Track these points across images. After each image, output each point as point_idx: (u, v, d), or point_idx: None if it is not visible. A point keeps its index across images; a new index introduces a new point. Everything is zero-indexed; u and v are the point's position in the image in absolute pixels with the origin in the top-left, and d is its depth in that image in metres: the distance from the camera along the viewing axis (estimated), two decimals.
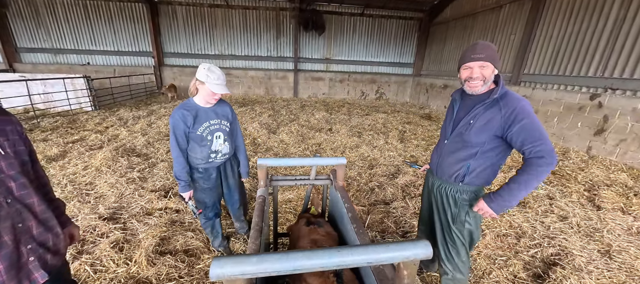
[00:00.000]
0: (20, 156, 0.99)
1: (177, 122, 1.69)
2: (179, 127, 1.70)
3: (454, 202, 1.54)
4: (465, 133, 1.44)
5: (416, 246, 0.59)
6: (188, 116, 1.70)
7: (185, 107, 1.72)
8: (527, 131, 1.27)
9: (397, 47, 11.29)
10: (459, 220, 1.54)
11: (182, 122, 1.69)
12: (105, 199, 2.92)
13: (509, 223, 2.72)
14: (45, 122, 5.78)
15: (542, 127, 1.28)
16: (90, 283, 1.91)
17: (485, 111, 1.37)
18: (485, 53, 1.32)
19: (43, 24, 10.02)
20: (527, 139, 1.27)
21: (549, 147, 1.25)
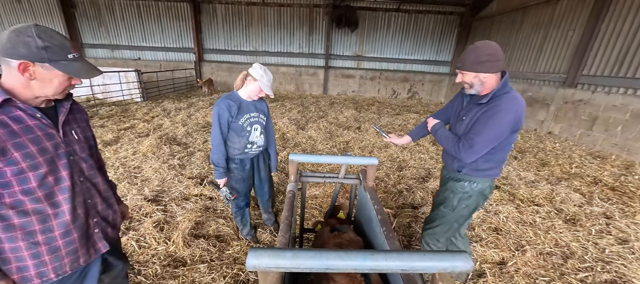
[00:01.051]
0: (89, 140, 1.14)
1: (223, 110, 1.80)
2: (223, 115, 1.81)
3: (451, 189, 1.66)
4: (457, 127, 1.59)
5: (456, 258, 0.56)
6: (233, 106, 1.82)
7: (231, 98, 1.85)
8: (482, 122, 1.41)
9: (433, 44, 10.72)
10: (451, 205, 1.66)
11: (227, 111, 1.81)
12: (149, 183, 3.21)
13: (555, 241, 2.46)
14: (103, 110, 6.51)
15: (493, 132, 1.38)
16: (135, 256, 2.13)
17: (476, 110, 1.47)
18: (466, 61, 1.40)
19: (103, 22, 11.24)
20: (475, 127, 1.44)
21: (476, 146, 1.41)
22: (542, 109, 6.27)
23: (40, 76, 0.89)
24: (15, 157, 0.86)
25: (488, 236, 2.51)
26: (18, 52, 0.83)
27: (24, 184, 0.89)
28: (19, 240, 0.92)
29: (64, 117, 1.02)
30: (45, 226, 0.95)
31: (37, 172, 0.91)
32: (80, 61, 0.94)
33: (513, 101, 1.37)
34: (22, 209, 0.91)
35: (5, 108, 0.87)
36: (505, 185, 3.50)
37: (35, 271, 0.96)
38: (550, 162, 4.25)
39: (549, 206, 3.00)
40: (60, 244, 0.99)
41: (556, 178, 3.70)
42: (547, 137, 5.76)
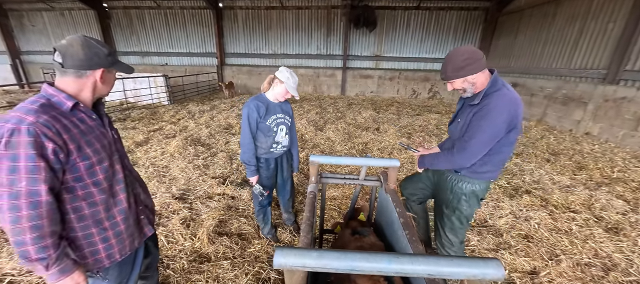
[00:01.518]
0: (121, 140, 1.29)
1: (252, 111, 1.89)
2: (252, 116, 1.89)
3: (450, 190, 1.66)
4: (454, 130, 1.61)
5: (487, 265, 0.54)
6: (261, 107, 1.91)
7: (259, 100, 1.94)
8: (474, 124, 1.40)
9: (456, 42, 10.31)
10: (451, 206, 1.67)
11: (256, 111, 1.89)
12: (176, 181, 3.39)
13: (594, 251, 2.27)
14: (134, 113, 6.95)
15: (487, 133, 1.37)
16: (164, 251, 2.25)
17: (469, 111, 1.47)
18: (447, 71, 1.43)
19: (135, 31, 12.04)
20: (468, 130, 1.44)
21: (468, 148, 1.41)
22: (578, 108, 5.81)
23: (107, 79, 1.06)
24: (87, 153, 0.99)
25: (518, 243, 2.37)
26: (95, 62, 0.99)
27: (93, 177, 1.03)
28: (91, 227, 1.05)
29: (106, 119, 1.17)
30: (110, 213, 1.09)
31: (102, 166, 1.05)
32: (120, 60, 1.10)
33: (504, 98, 1.35)
34: (92, 200, 1.04)
35: (73, 111, 1.00)
36: (537, 189, 3.28)
37: (105, 253, 1.09)
38: (588, 166, 3.92)
39: (587, 213, 2.78)
40: (123, 229, 1.14)
41: (595, 183, 3.41)
42: (584, 139, 5.33)
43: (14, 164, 0.84)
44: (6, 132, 0.84)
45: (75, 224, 1.02)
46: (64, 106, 0.97)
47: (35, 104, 0.92)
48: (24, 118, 0.86)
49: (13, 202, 0.85)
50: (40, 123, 0.87)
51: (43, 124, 0.88)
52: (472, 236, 2.46)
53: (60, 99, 0.96)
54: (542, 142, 5.14)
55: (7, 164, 0.84)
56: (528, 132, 5.88)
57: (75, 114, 1.00)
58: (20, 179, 0.85)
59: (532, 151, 4.65)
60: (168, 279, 2.00)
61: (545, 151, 4.66)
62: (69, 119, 0.97)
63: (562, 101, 6.25)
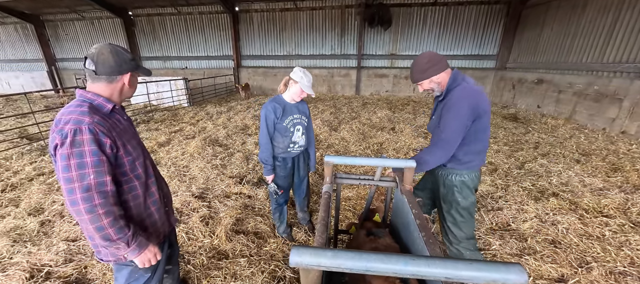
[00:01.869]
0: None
1: (269, 112, 1.95)
2: (270, 117, 1.95)
3: (443, 184, 1.74)
4: (432, 127, 1.74)
5: (509, 270, 0.52)
6: (278, 108, 1.96)
7: (276, 101, 2.00)
8: (443, 118, 1.55)
9: (476, 38, 9.92)
10: (447, 200, 1.74)
11: (273, 113, 1.95)
12: (196, 181, 3.52)
13: (630, 259, 2.11)
14: (157, 115, 7.29)
15: (452, 122, 1.50)
16: (185, 247, 2.35)
17: (440, 107, 1.63)
18: (414, 75, 1.61)
19: (157, 37, 12.63)
20: (440, 125, 1.58)
21: (444, 139, 1.54)
22: (612, 105, 5.40)
23: (132, 82, 1.14)
24: (129, 150, 1.11)
25: (544, 249, 2.25)
26: (124, 68, 1.07)
27: (135, 171, 1.14)
28: (134, 218, 1.16)
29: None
30: (146, 204, 1.22)
31: (140, 161, 1.16)
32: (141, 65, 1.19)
33: (464, 91, 1.51)
34: (135, 193, 1.15)
35: (112, 113, 1.11)
36: (565, 192, 3.09)
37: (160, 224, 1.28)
38: (624, 167, 3.64)
39: (622, 218, 2.58)
40: (157, 218, 1.27)
41: (632, 186, 3.16)
42: (619, 138, 4.95)
43: (81, 161, 0.95)
44: (70, 133, 0.94)
45: (131, 202, 1.15)
46: (105, 109, 1.07)
47: (83, 107, 1.01)
48: (82, 119, 0.96)
49: (86, 194, 0.94)
50: (96, 122, 0.98)
51: (98, 123, 0.99)
52: (494, 240, 2.36)
53: (101, 102, 1.07)
54: (572, 141, 4.83)
55: (75, 161, 0.94)
56: (555, 131, 5.55)
57: (113, 115, 1.11)
58: (89, 173, 0.95)
59: (560, 151, 4.38)
60: (189, 274, 2.08)
61: (575, 151, 4.38)
62: (110, 119, 1.07)
63: (593, 98, 5.84)
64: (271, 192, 2.20)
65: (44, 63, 13.81)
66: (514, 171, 3.71)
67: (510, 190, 3.19)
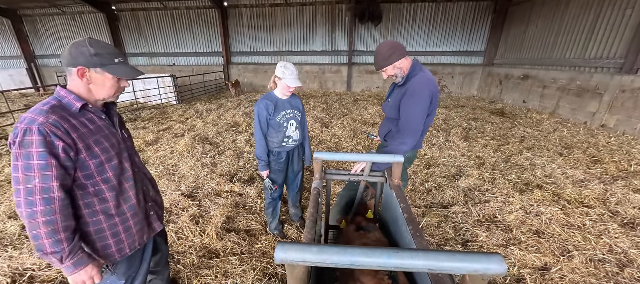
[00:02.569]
0: (132, 139, 1.33)
1: (262, 110, 1.99)
2: (262, 114, 1.99)
3: None
4: (386, 108, 1.94)
5: (489, 260, 0.53)
6: (270, 105, 1.99)
7: (268, 98, 2.03)
8: (405, 108, 1.67)
9: (464, 34, 10.07)
10: None
11: (265, 110, 1.99)
12: (186, 180, 3.46)
13: (609, 247, 2.20)
14: (144, 113, 7.11)
15: (415, 108, 1.63)
16: (175, 247, 2.31)
17: (398, 91, 1.78)
18: (378, 63, 1.72)
19: (143, 33, 12.25)
20: (402, 116, 1.71)
21: (409, 126, 1.66)
22: (593, 100, 5.61)
23: (96, 81, 1.04)
24: (96, 152, 1.04)
25: (528, 239, 2.33)
26: (77, 61, 0.99)
27: (104, 174, 1.07)
28: (102, 223, 1.10)
29: (117, 118, 1.21)
30: (120, 209, 1.13)
31: (111, 164, 1.09)
32: (126, 65, 1.08)
33: (423, 78, 1.65)
34: (103, 196, 1.08)
35: (82, 112, 1.05)
36: (549, 184, 3.20)
37: (116, 248, 1.14)
38: (603, 159, 3.79)
39: (601, 208, 2.69)
40: (132, 224, 1.18)
41: (611, 177, 3.30)
42: (599, 131, 5.15)
43: (28, 163, 0.90)
44: (20, 133, 0.90)
45: (88, 219, 1.07)
46: (74, 107, 1.01)
47: (46, 105, 0.97)
48: (36, 119, 0.91)
49: (29, 198, 0.90)
50: (50, 123, 0.92)
51: (52, 124, 0.92)
52: (481, 232, 2.43)
53: (70, 101, 1.01)
54: (555, 135, 4.99)
55: (23, 163, 0.90)
56: (540, 125, 5.72)
57: (85, 114, 1.05)
58: (35, 177, 0.90)
59: (544, 145, 4.52)
60: (179, 274, 2.05)
61: (558, 144, 4.53)
62: (78, 119, 1.01)
63: (576, 93, 6.04)
64: (267, 188, 2.23)
65: (23, 60, 13.21)
66: (500, 165, 3.81)
67: (496, 183, 3.27)
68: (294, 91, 2.03)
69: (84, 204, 1.05)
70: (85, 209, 1.05)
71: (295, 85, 1.93)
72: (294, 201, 2.57)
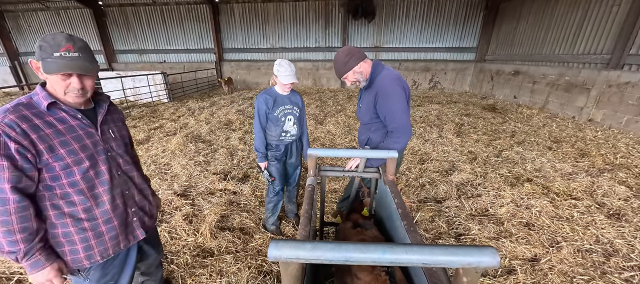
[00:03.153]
0: (124, 139, 1.26)
1: (261, 104, 2.05)
2: (262, 108, 2.05)
3: None
4: (359, 114, 1.94)
5: (482, 253, 0.54)
6: (270, 100, 2.05)
7: (268, 93, 2.09)
8: (385, 110, 1.65)
9: (457, 31, 10.15)
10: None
11: (265, 104, 2.05)
12: (178, 178, 3.41)
13: (596, 237, 2.27)
14: (134, 111, 6.96)
15: (396, 105, 1.60)
16: (167, 247, 2.28)
17: (367, 94, 1.77)
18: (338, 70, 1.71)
19: (131, 29, 11.94)
20: (386, 117, 1.66)
21: (399, 124, 1.62)
22: (581, 95, 5.74)
23: (47, 77, 0.96)
24: (61, 154, 0.98)
25: (519, 231, 2.38)
26: (36, 55, 0.94)
27: (70, 177, 1.01)
28: (69, 226, 1.05)
29: (102, 117, 1.14)
30: (90, 214, 1.07)
31: (80, 167, 1.03)
32: (65, 60, 0.92)
33: (391, 75, 1.65)
34: (70, 199, 1.03)
35: (51, 110, 0.99)
36: (538, 177, 3.27)
37: (84, 253, 1.09)
38: (590, 153, 3.90)
39: (588, 199, 2.77)
40: (104, 230, 1.12)
41: (598, 170, 3.39)
42: (587, 125, 5.28)
43: None
44: None
45: (55, 220, 1.03)
46: (41, 106, 0.97)
47: (12, 104, 0.94)
48: None
49: None
50: (4, 124, 0.89)
51: (7, 124, 0.89)
52: (473, 225, 2.47)
53: (39, 99, 0.98)
54: (544, 130, 5.10)
55: None
56: (530, 120, 5.83)
57: (54, 113, 1.00)
58: None
59: (534, 139, 4.62)
60: (172, 274, 2.03)
61: (547, 138, 4.63)
62: (43, 118, 0.97)
63: (564, 88, 6.17)
64: (266, 178, 2.29)
65: (6, 58, 12.73)
66: (492, 159, 3.87)
67: (488, 177, 3.33)
68: (290, 87, 2.06)
69: (51, 205, 1.02)
70: (52, 210, 1.02)
71: (288, 81, 1.95)
72: (290, 195, 2.60)
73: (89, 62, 0.98)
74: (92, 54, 1.02)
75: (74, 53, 0.94)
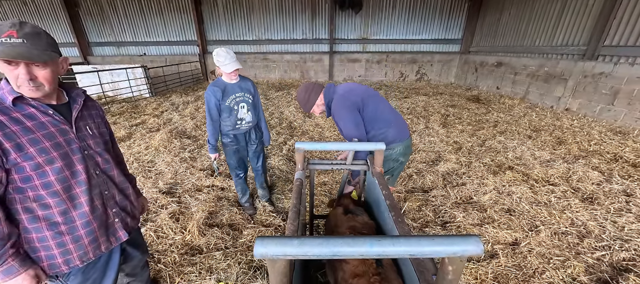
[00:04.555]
0: (104, 136, 1.18)
1: (209, 96, 2.08)
2: (211, 100, 2.08)
3: None
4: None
5: (466, 242, 0.55)
6: (217, 91, 2.08)
7: (216, 85, 2.11)
8: (340, 128, 1.82)
9: (442, 22, 10.26)
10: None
11: (213, 96, 2.07)
12: (163, 176, 3.31)
13: (571, 220, 2.40)
14: (114, 107, 6.65)
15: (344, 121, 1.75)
16: (154, 246, 2.22)
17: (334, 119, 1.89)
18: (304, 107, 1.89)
19: (107, 19, 11.29)
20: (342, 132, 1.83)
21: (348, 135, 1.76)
22: (559, 85, 5.98)
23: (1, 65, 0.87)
24: (31, 153, 0.91)
25: (500, 217, 2.48)
26: None
27: (43, 178, 0.94)
28: (44, 230, 0.98)
29: (77, 113, 1.06)
30: (67, 217, 1.01)
31: (53, 167, 0.95)
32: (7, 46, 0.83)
33: (338, 98, 1.80)
34: (44, 202, 0.96)
35: (18, 106, 0.92)
36: (519, 165, 3.41)
37: (62, 258, 1.03)
38: (567, 141, 4.09)
39: (565, 185, 2.92)
40: (82, 234, 1.05)
41: (573, 156, 3.57)
42: (564, 115, 5.53)
43: None
44: None
45: (28, 225, 0.96)
46: (6, 101, 0.90)
47: None
48: None
49: None
50: None
51: None
52: (458, 213, 2.55)
53: (4, 93, 0.91)
54: (525, 119, 5.30)
55: None
56: (511, 110, 6.04)
57: (22, 109, 0.93)
58: None
59: (515, 128, 4.79)
60: (160, 273, 1.98)
61: (528, 128, 4.81)
62: (9, 115, 0.90)
63: (544, 79, 6.40)
64: (215, 168, 2.43)
65: None
66: (476, 149, 3.99)
67: (472, 166, 3.44)
68: (235, 74, 2.10)
69: (23, 209, 0.95)
70: (24, 213, 0.95)
71: (231, 69, 2.00)
72: (260, 181, 2.67)
73: (37, 49, 0.86)
74: (46, 41, 0.90)
75: (16, 39, 0.83)
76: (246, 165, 2.51)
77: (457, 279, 0.62)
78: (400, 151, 1.92)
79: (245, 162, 2.47)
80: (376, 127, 1.84)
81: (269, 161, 3.67)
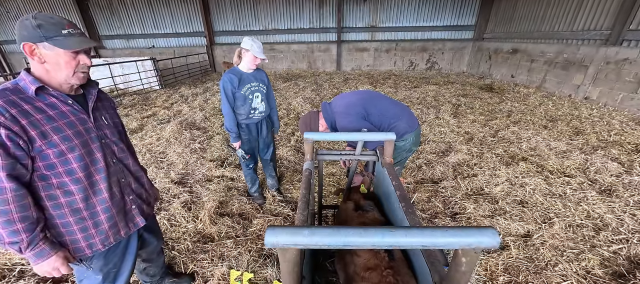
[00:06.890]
0: (117, 126, 1.23)
1: (226, 83, 2.10)
2: (227, 87, 2.10)
3: None
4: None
5: (482, 234, 0.53)
6: (234, 79, 2.10)
7: (232, 72, 2.13)
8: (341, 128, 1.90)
9: (455, 8, 9.86)
10: None
11: (229, 83, 2.10)
12: (175, 166, 3.38)
13: (587, 213, 2.33)
14: (126, 100, 6.79)
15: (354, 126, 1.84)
16: (168, 234, 2.30)
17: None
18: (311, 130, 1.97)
19: (116, 12, 11.41)
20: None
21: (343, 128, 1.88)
22: (578, 73, 5.71)
23: (48, 58, 0.93)
24: (55, 140, 0.95)
25: (513, 209, 2.43)
26: (22, 35, 0.89)
27: (66, 165, 0.99)
28: (68, 216, 1.03)
29: (93, 103, 1.10)
30: (88, 203, 1.06)
31: (75, 154, 1.00)
32: (75, 36, 0.95)
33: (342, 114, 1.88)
34: (67, 188, 1.01)
35: (40, 95, 0.95)
36: (533, 156, 3.31)
37: (85, 242, 1.08)
38: (585, 131, 3.93)
39: (581, 176, 2.82)
40: (103, 218, 1.11)
41: (591, 147, 3.43)
42: (583, 104, 5.30)
43: None
44: None
45: (52, 211, 1.01)
46: (29, 91, 0.93)
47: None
48: None
49: None
50: None
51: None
52: (469, 205, 2.51)
53: (26, 84, 0.93)
54: (541, 109, 5.11)
55: None
56: (527, 99, 5.83)
57: (44, 98, 0.96)
58: None
59: (529, 118, 4.63)
60: (174, 259, 2.06)
61: (543, 117, 4.64)
62: (32, 104, 0.93)
63: (562, 66, 6.12)
64: (240, 157, 2.38)
65: None
66: (488, 139, 3.89)
67: (484, 157, 3.36)
68: (259, 63, 2.14)
69: (46, 196, 0.98)
70: (48, 200, 0.99)
71: (261, 57, 2.05)
72: (269, 170, 2.72)
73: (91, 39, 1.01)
74: None
75: (76, 30, 0.96)
76: (256, 156, 2.54)
77: (471, 271, 0.61)
78: (412, 140, 1.94)
79: (255, 152, 2.50)
80: (386, 123, 1.86)
81: (278, 152, 3.69)
